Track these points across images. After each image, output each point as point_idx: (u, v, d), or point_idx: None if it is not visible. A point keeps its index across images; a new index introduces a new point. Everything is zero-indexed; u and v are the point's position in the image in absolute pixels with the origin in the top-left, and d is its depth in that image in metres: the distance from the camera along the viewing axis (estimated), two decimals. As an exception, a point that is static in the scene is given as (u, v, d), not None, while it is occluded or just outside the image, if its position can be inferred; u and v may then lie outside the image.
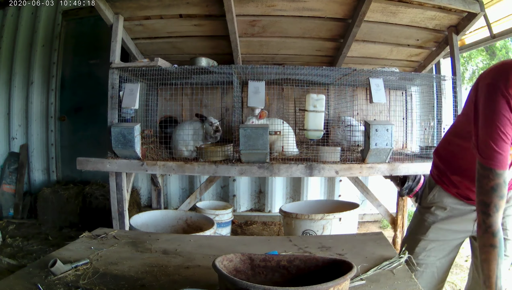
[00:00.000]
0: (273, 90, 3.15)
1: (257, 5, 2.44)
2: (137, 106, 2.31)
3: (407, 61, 3.09)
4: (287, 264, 0.65)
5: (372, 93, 2.19)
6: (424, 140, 2.94)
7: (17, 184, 3.89)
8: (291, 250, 0.93)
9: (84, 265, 0.81)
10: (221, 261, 0.61)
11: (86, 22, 3.86)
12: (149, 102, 2.98)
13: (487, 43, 2.95)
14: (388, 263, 0.82)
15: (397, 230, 3.13)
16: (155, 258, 0.88)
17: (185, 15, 2.56)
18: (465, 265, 2.96)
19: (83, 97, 3.94)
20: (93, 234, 1.03)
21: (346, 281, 0.55)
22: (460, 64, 2.55)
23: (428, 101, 2.91)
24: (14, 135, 4.03)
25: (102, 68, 3.07)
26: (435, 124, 2.87)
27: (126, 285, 0.73)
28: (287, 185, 3.84)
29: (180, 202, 3.69)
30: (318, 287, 0.52)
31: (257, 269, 0.65)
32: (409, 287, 0.72)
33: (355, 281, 0.73)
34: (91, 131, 3.77)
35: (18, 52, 3.97)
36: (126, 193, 2.33)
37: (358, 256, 0.88)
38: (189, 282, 0.75)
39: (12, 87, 3.99)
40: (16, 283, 0.73)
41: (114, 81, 2.33)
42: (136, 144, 2.15)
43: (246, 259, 0.65)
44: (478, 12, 2.33)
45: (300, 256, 0.65)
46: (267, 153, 2.14)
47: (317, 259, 0.65)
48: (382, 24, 2.57)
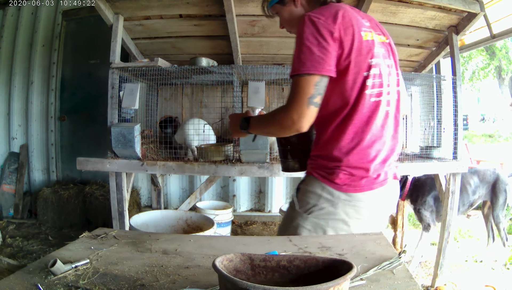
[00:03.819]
0: (273, 90, 3.15)
1: (257, 5, 2.44)
2: (137, 106, 2.31)
3: (407, 61, 3.09)
4: (287, 264, 0.65)
5: (372, 93, 2.19)
6: (424, 140, 2.94)
7: (17, 184, 3.89)
8: (291, 250, 0.93)
9: (84, 265, 0.81)
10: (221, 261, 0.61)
11: (86, 22, 3.86)
12: (149, 102, 2.99)
13: (487, 43, 2.95)
14: (388, 263, 0.82)
15: (397, 230, 3.14)
16: (155, 258, 0.88)
17: (185, 15, 2.56)
18: (465, 265, 2.97)
19: (83, 97, 3.95)
20: (93, 234, 1.03)
21: (346, 281, 0.55)
22: (460, 64, 2.55)
23: (428, 101, 2.91)
24: (14, 135, 4.03)
25: (102, 68, 3.07)
26: (435, 124, 2.87)
27: (126, 285, 0.73)
28: (287, 185, 3.84)
29: (180, 202, 3.69)
30: (318, 287, 0.51)
31: (257, 269, 0.65)
32: (409, 287, 0.72)
33: (355, 281, 0.73)
34: (91, 131, 3.77)
35: (18, 52, 3.97)
36: (126, 193, 2.33)
37: (358, 256, 0.88)
38: (189, 282, 0.75)
39: (12, 87, 3.99)
40: (16, 283, 0.73)
41: (114, 81, 2.33)
42: (136, 144, 2.15)
43: (246, 259, 0.65)
44: (478, 12, 2.33)
45: (300, 256, 0.65)
46: (267, 153, 2.14)
47: (317, 259, 0.65)
48: (382, 24, 2.55)
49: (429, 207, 2.77)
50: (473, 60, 13.26)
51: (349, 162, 1.09)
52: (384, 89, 1.11)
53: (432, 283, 2.50)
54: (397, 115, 1.18)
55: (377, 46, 1.12)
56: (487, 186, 2.90)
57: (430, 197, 2.77)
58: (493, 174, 2.92)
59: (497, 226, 2.93)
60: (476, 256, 3.11)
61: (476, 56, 12.86)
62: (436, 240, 2.83)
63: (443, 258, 2.43)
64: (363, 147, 1.09)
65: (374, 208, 1.14)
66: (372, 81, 1.08)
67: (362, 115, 1.08)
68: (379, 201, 1.15)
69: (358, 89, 1.07)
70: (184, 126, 2.53)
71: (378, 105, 1.10)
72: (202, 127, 2.49)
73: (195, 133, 2.47)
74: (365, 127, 1.08)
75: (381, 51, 1.13)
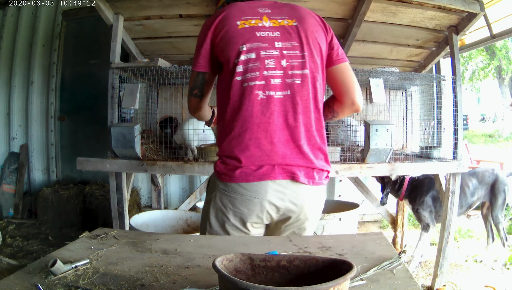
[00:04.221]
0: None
1: (257, 5, 2.44)
2: (137, 106, 2.31)
3: (407, 61, 3.09)
4: (287, 264, 0.65)
5: (372, 93, 2.19)
6: (424, 140, 2.94)
7: (17, 184, 3.89)
8: (291, 250, 0.93)
9: (84, 265, 0.81)
10: (221, 261, 0.61)
11: (86, 22, 3.86)
12: (149, 102, 2.98)
13: (487, 43, 2.95)
14: (388, 263, 0.82)
15: (397, 230, 3.14)
16: (155, 258, 0.88)
17: (185, 15, 2.56)
18: (465, 265, 2.97)
19: (83, 97, 3.94)
20: (93, 234, 1.03)
21: (346, 281, 0.55)
22: (460, 64, 2.54)
23: (428, 101, 2.91)
24: (14, 135, 4.03)
25: (102, 68, 3.07)
26: (435, 124, 2.87)
27: (126, 285, 0.73)
28: (287, 185, 3.83)
29: (180, 202, 3.69)
30: (318, 287, 0.51)
31: (257, 269, 0.65)
32: (409, 287, 0.72)
33: (355, 281, 0.73)
34: (91, 131, 3.77)
35: (18, 52, 3.98)
36: (126, 193, 2.33)
37: (358, 256, 0.88)
38: (189, 282, 0.75)
39: (12, 87, 3.99)
40: (16, 283, 0.73)
41: (114, 81, 2.33)
42: (136, 144, 2.15)
43: (246, 259, 0.65)
44: (478, 12, 2.33)
45: (300, 256, 0.65)
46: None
47: (317, 259, 0.65)
48: (382, 24, 2.57)
49: (428, 207, 2.76)
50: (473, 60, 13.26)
51: (222, 150, 1.09)
52: (260, 73, 1.05)
53: (432, 283, 2.49)
54: (299, 100, 1.07)
55: (263, 30, 1.08)
56: (486, 187, 2.89)
57: (428, 197, 2.77)
58: (491, 174, 2.92)
59: (496, 227, 2.93)
60: (476, 256, 3.11)
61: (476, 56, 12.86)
62: (436, 240, 2.83)
63: (443, 258, 2.43)
64: (233, 135, 1.06)
65: (254, 204, 1.05)
66: (244, 67, 1.06)
67: (234, 102, 1.07)
68: (263, 196, 1.04)
69: (229, 76, 1.07)
70: (183, 126, 2.53)
71: (251, 90, 1.05)
72: (202, 128, 2.49)
73: (194, 134, 2.47)
74: (235, 115, 1.06)
75: (269, 35, 1.08)
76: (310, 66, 1.09)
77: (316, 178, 1.10)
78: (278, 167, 1.05)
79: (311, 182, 1.09)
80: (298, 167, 1.07)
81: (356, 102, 1.15)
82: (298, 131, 1.07)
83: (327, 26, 1.17)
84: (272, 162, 1.05)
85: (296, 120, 1.07)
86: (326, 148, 1.15)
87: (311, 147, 1.09)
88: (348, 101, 1.15)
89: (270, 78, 1.06)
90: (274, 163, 1.05)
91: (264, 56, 1.06)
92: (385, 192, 2.86)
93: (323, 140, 1.13)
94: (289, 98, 1.07)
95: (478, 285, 2.59)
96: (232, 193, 1.06)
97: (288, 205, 1.08)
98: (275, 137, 1.05)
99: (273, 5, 1.16)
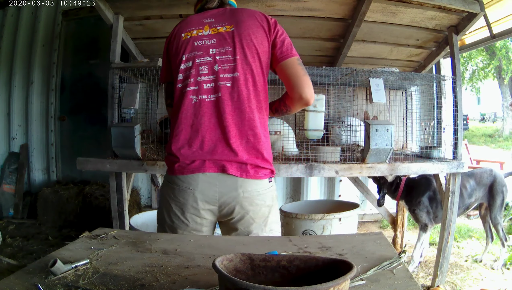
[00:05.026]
0: (273, 90, 3.13)
1: (257, 5, 2.44)
2: (137, 106, 2.31)
3: (407, 61, 3.09)
4: (287, 264, 0.65)
5: (372, 93, 2.19)
6: (424, 140, 2.94)
7: (17, 184, 3.89)
8: (291, 250, 0.93)
9: (84, 265, 0.81)
10: (221, 261, 0.61)
11: (86, 22, 3.87)
12: (149, 102, 2.98)
13: (487, 43, 2.95)
14: (388, 263, 0.82)
15: (397, 230, 3.14)
16: (155, 258, 0.88)
17: (185, 15, 2.55)
18: (465, 265, 2.97)
19: (83, 97, 3.95)
20: (93, 234, 1.03)
21: (346, 281, 0.55)
22: (460, 64, 2.54)
23: (428, 101, 2.91)
24: (14, 135, 4.03)
25: (102, 68, 3.07)
26: (435, 124, 2.87)
27: (126, 285, 0.73)
28: (287, 185, 3.84)
29: (180, 202, 3.68)
30: (318, 287, 0.51)
31: (257, 269, 0.65)
32: (409, 287, 0.72)
33: (355, 281, 0.73)
34: (91, 131, 3.78)
35: (18, 52, 3.98)
36: (126, 193, 2.33)
37: (358, 256, 0.88)
38: (189, 282, 0.75)
39: (12, 87, 3.99)
40: (16, 283, 0.73)
41: (114, 81, 2.33)
42: (136, 144, 2.15)
43: (246, 259, 0.65)
44: (478, 12, 2.33)
45: (300, 256, 0.65)
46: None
47: (317, 259, 0.65)
48: (382, 24, 2.57)
49: (424, 207, 2.75)
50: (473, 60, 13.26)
51: (167, 148, 1.24)
52: (194, 79, 1.18)
53: (432, 283, 2.49)
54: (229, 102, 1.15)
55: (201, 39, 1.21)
56: (484, 188, 2.87)
57: (425, 197, 2.76)
58: (490, 175, 2.90)
59: (495, 227, 2.92)
60: (476, 256, 3.11)
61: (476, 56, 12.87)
62: (436, 240, 2.83)
63: (443, 258, 2.43)
64: (174, 134, 1.20)
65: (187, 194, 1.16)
66: (184, 75, 1.20)
67: (175, 107, 1.22)
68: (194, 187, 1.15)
69: (176, 84, 1.21)
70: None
71: (187, 95, 1.18)
72: None
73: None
74: (175, 118, 1.20)
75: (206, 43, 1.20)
76: (242, 69, 1.17)
77: (250, 172, 1.16)
78: (209, 162, 1.15)
79: (244, 175, 1.15)
80: (229, 161, 1.15)
81: (303, 97, 1.19)
82: (229, 130, 1.15)
83: (271, 25, 1.21)
84: (203, 157, 1.16)
85: (227, 120, 1.15)
86: (265, 145, 1.18)
87: (244, 145, 1.16)
88: (296, 95, 1.20)
89: (203, 84, 1.17)
90: (205, 158, 1.16)
91: (198, 64, 1.18)
92: (382, 193, 2.86)
93: (257, 138, 1.17)
94: (221, 100, 1.16)
95: (478, 285, 2.59)
96: (172, 184, 1.19)
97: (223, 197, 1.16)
98: (207, 137, 1.16)
99: (219, 12, 1.25)
